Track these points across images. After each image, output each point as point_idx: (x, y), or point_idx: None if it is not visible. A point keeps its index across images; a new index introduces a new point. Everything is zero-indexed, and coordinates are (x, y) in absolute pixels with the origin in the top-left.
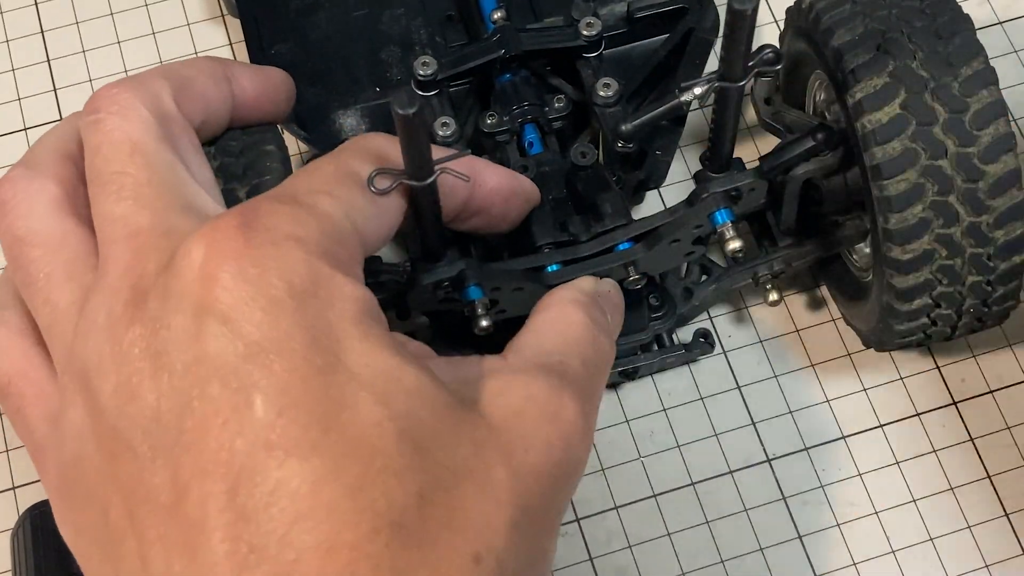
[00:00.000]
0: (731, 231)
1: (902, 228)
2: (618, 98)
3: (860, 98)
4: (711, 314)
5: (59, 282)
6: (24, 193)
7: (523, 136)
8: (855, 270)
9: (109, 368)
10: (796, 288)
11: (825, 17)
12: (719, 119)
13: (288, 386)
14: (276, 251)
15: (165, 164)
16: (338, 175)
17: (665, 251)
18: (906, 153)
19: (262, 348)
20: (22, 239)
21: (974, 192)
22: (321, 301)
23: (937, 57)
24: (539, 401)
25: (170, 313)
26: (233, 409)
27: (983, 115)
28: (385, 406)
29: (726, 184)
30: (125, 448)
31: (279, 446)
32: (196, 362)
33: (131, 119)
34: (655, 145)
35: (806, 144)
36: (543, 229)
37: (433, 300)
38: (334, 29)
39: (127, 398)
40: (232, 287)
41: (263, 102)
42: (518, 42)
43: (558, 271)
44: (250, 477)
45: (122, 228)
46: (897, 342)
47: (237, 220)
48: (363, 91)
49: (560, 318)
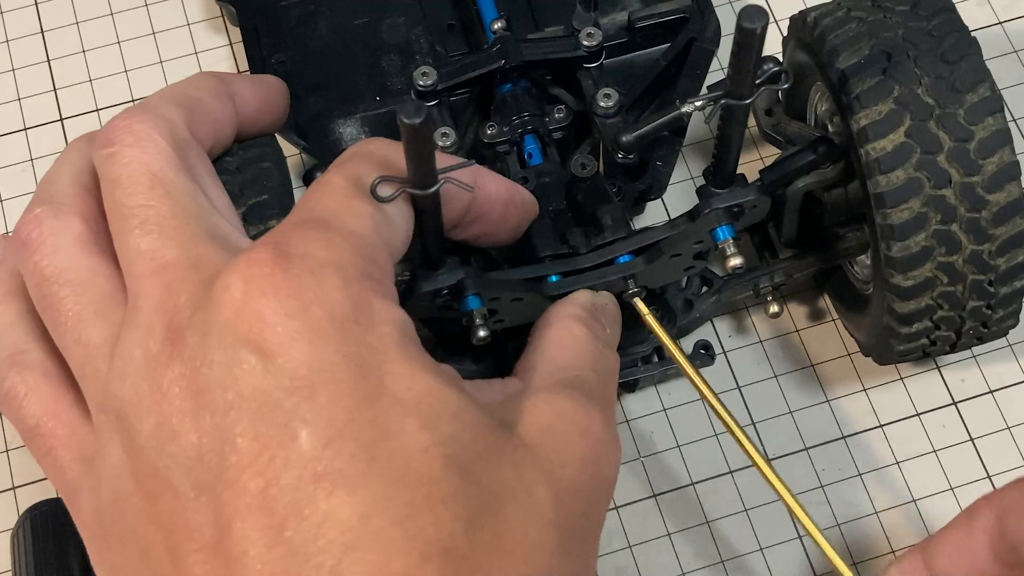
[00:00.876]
0: (732, 247)
1: (904, 256)
2: (618, 108)
3: (865, 125)
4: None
5: (89, 321)
6: (50, 231)
7: (523, 146)
8: (856, 282)
9: (148, 407)
10: (796, 290)
11: (831, 36)
12: (724, 135)
13: (333, 417)
14: (314, 280)
15: (186, 194)
16: (352, 189)
17: (665, 265)
18: (910, 183)
19: (307, 381)
20: (49, 278)
21: (977, 221)
22: (362, 327)
23: (943, 83)
24: (568, 416)
25: (211, 350)
26: (279, 444)
27: (988, 144)
28: (430, 431)
29: (729, 200)
30: (165, 487)
31: (326, 478)
32: (239, 399)
33: (148, 150)
34: (655, 156)
35: (807, 157)
36: (543, 241)
37: (432, 308)
38: (334, 38)
39: (167, 438)
40: (274, 322)
41: (263, 114)
42: (518, 52)
43: (558, 282)
44: (298, 511)
45: (150, 262)
46: (897, 357)
47: (272, 252)
48: (363, 100)
49: (566, 334)
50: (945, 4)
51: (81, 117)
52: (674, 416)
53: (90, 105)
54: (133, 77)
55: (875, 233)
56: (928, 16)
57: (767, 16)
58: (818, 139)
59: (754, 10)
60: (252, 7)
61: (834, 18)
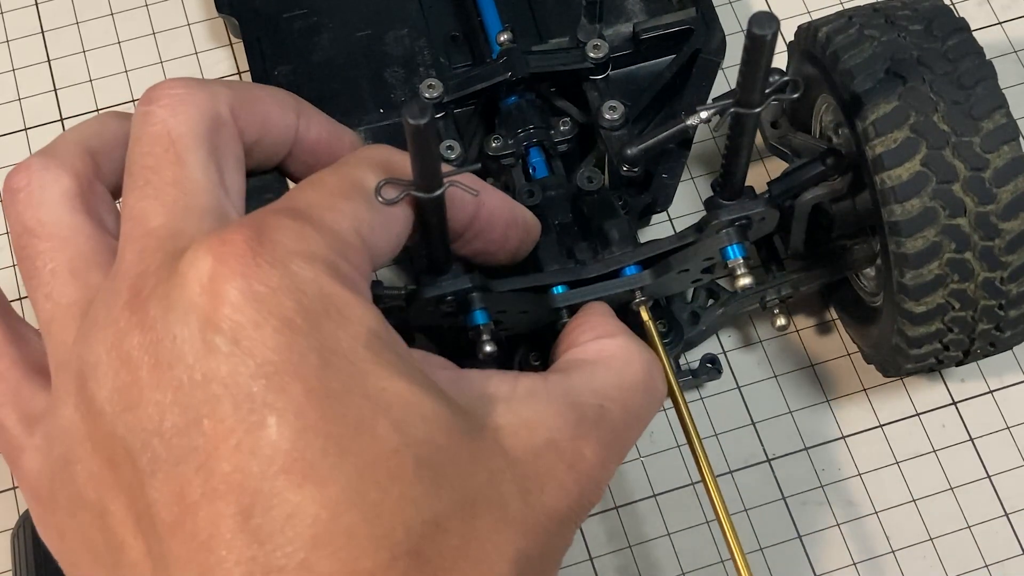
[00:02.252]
0: (742, 267)
1: (917, 284)
2: (624, 121)
3: (880, 153)
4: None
5: (63, 278)
6: (37, 182)
7: (528, 159)
8: (864, 295)
9: (106, 371)
10: (802, 301)
11: (844, 57)
12: (733, 145)
13: (304, 409)
14: (285, 269)
15: (198, 165)
16: (344, 187)
17: (673, 278)
18: (926, 212)
19: (277, 369)
20: (30, 229)
21: (991, 249)
22: (333, 322)
23: (959, 110)
24: (559, 445)
25: (174, 324)
26: (247, 431)
27: (1004, 172)
28: (401, 433)
29: (736, 212)
30: (124, 456)
31: (295, 470)
32: (205, 380)
33: (178, 113)
34: (661, 168)
35: (816, 169)
36: (549, 255)
37: (435, 315)
38: (337, 50)
39: (126, 405)
40: (242, 305)
41: (325, 151)
42: (524, 65)
43: (564, 293)
44: (266, 500)
45: (136, 226)
46: (903, 373)
47: (245, 233)
48: (367, 113)
49: (621, 356)
50: (960, 24)
51: (81, 117)
52: (674, 416)
53: (90, 105)
54: (133, 77)
55: (887, 259)
56: (943, 37)
57: (777, 22)
58: (826, 151)
59: (764, 16)
60: (255, 19)
61: (847, 36)
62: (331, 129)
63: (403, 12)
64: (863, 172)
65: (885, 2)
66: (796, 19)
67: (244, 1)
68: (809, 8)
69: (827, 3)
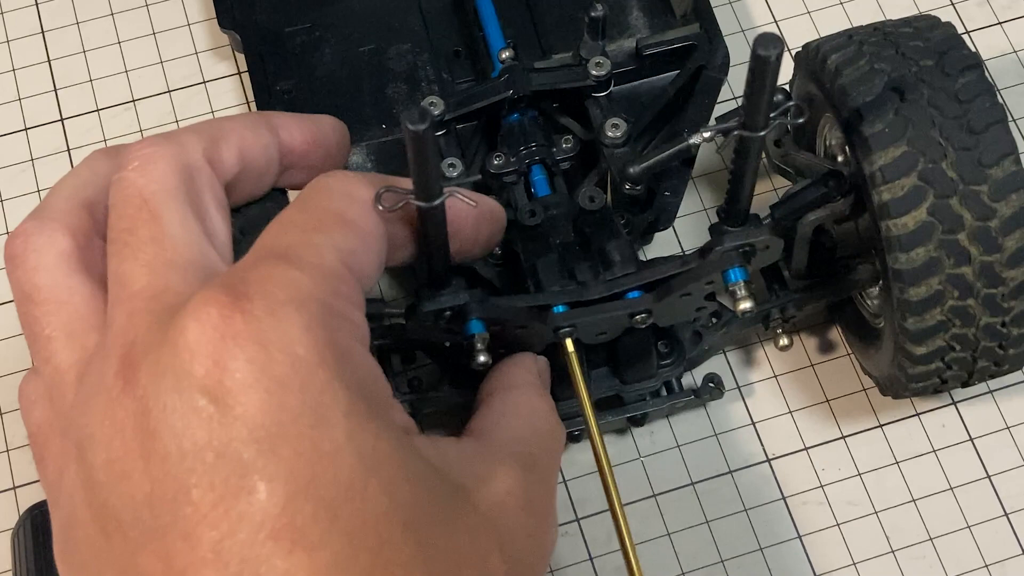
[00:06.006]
0: (743, 290)
1: (919, 328)
2: (627, 139)
3: (887, 200)
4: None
5: (60, 342)
6: (33, 247)
7: (530, 177)
8: (867, 314)
9: (100, 441)
10: (807, 323)
11: (853, 93)
12: (738, 169)
13: (295, 473)
14: (275, 323)
15: (175, 219)
16: (313, 221)
17: (675, 303)
18: (930, 262)
19: (269, 433)
20: (28, 295)
21: (993, 297)
22: (328, 370)
23: (968, 156)
24: (516, 494)
25: (164, 392)
26: (235, 497)
27: (1010, 222)
28: (390, 495)
29: (740, 239)
30: (116, 527)
31: (285, 536)
32: (196, 448)
33: (147, 172)
34: (664, 186)
35: (818, 191)
36: (550, 276)
37: (434, 331)
38: (340, 65)
39: (118, 476)
40: (233, 369)
41: (313, 149)
42: (527, 82)
43: (564, 313)
44: (254, 568)
45: (121, 288)
46: (911, 393)
47: (230, 294)
48: (369, 128)
49: (526, 404)
50: (972, 61)
51: (81, 117)
52: (674, 416)
53: (90, 105)
54: (133, 77)
55: (891, 302)
56: (954, 75)
57: (782, 44)
58: (828, 173)
59: (768, 38)
60: (257, 35)
61: (856, 69)
62: (310, 126)
63: (406, 27)
64: (864, 195)
65: (895, 27)
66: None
67: (247, 16)
68: (816, 23)
69: (834, 23)
